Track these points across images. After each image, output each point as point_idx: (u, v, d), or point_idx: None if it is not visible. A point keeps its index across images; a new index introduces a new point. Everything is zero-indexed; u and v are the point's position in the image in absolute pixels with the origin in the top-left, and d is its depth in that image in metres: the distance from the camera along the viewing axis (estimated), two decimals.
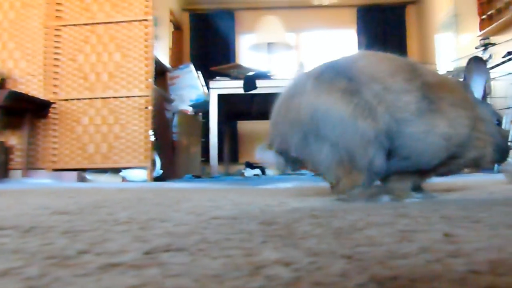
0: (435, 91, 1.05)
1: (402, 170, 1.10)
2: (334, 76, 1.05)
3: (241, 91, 3.85)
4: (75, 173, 3.40)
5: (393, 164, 1.08)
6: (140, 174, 3.44)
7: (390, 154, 1.06)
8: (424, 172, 1.12)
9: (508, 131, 1.21)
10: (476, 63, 1.19)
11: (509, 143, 1.21)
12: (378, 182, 1.13)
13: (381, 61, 1.09)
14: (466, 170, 1.25)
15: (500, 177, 2.16)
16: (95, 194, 1.59)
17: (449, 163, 1.09)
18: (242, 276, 0.36)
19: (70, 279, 0.37)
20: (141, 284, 0.35)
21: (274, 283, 0.34)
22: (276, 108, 1.11)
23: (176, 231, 0.62)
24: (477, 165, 1.16)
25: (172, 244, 0.52)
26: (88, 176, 3.54)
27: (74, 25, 3.45)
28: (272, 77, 4.11)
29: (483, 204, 0.94)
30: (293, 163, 1.11)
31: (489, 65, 4.45)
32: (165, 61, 5.45)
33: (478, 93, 1.17)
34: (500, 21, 4.85)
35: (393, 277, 0.35)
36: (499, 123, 1.18)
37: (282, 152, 1.08)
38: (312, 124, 1.01)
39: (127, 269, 0.40)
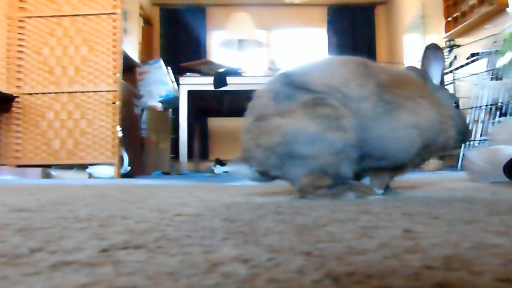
0: (389, 90, 1.07)
1: (382, 167, 1.14)
2: (292, 92, 1.05)
3: (212, 87, 3.83)
4: (39, 169, 3.31)
5: (372, 163, 1.12)
6: (107, 171, 3.38)
7: (365, 156, 1.09)
8: (403, 165, 1.14)
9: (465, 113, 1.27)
10: (433, 50, 1.22)
11: (468, 125, 1.27)
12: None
13: (334, 69, 1.10)
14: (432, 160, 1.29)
15: (462, 174, 2.22)
16: (58, 191, 1.55)
17: (423, 152, 1.12)
18: (198, 274, 0.36)
19: (19, 278, 0.36)
20: (92, 282, 0.33)
21: (230, 280, 0.34)
22: (245, 132, 1.10)
23: (137, 228, 0.61)
24: (444, 149, 1.19)
25: (131, 241, 0.51)
26: (53, 172, 3.45)
27: (39, 16, 3.35)
28: (242, 74, 4.10)
29: (444, 200, 0.97)
30: (270, 178, 1.12)
31: (454, 66, 4.58)
32: (134, 56, 5.37)
33: (436, 79, 1.21)
34: (464, 23, 4.99)
35: (349, 273, 0.35)
36: (457, 106, 1.23)
37: (261, 171, 1.09)
38: (285, 147, 1.02)
39: (80, 268, 0.39)
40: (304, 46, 7.74)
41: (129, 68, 4.39)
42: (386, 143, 1.07)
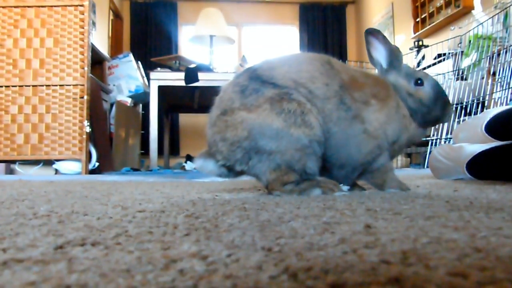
0: (349, 91, 1.09)
1: (349, 174, 1.15)
2: (259, 86, 1.05)
3: (183, 83, 3.79)
4: (2, 165, 3.21)
5: (336, 174, 1.15)
6: (75, 167, 3.30)
7: (326, 160, 1.11)
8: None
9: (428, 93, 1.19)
10: (372, 35, 1.20)
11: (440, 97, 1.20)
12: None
13: (301, 65, 1.10)
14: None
15: (428, 171, 2.27)
16: (20, 187, 1.50)
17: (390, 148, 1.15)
18: (154, 270, 0.35)
19: None
20: (42, 280, 0.32)
21: (187, 276, 0.33)
22: (210, 126, 1.10)
23: (97, 225, 0.59)
24: (409, 145, 1.22)
25: (88, 238, 0.49)
26: (18, 168, 3.35)
27: (2, 7, 3.24)
28: (214, 70, 4.07)
29: (407, 197, 0.98)
30: (236, 173, 1.11)
31: (422, 66, 4.68)
32: (104, 50, 5.26)
33: (384, 62, 1.21)
34: (432, 24, 5.09)
35: (307, 268, 0.35)
36: (421, 82, 1.19)
37: (226, 166, 1.09)
38: (250, 141, 1.02)
39: (32, 265, 0.37)
40: (275, 43, 7.75)
41: (97, 62, 4.29)
42: (342, 151, 1.09)
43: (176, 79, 3.85)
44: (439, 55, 4.17)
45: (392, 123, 1.12)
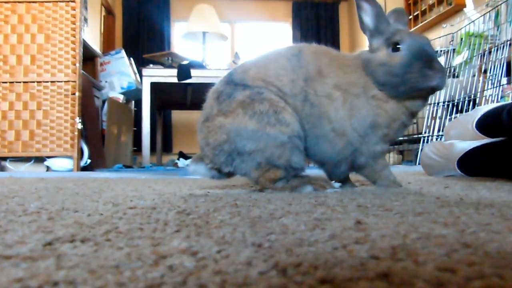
0: (313, 85, 1.08)
1: (334, 170, 1.15)
2: (231, 90, 1.08)
3: (175, 79, 3.77)
4: None
5: (322, 169, 1.16)
6: (66, 164, 3.28)
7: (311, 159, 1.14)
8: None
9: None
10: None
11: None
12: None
13: (268, 64, 1.12)
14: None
15: (419, 168, 2.28)
16: (10, 184, 1.49)
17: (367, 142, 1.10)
18: (144, 266, 0.35)
19: None
20: (30, 276, 0.32)
21: (176, 272, 0.33)
22: (198, 132, 1.15)
23: (87, 221, 0.59)
24: (406, 126, 1.13)
25: (78, 234, 0.49)
26: (8, 165, 3.33)
27: None
28: (206, 67, 4.06)
29: (398, 193, 0.99)
30: (226, 174, 1.15)
31: None
32: (96, 46, 5.22)
33: (371, 23, 1.09)
34: (424, 22, 5.11)
35: (297, 264, 0.35)
36: (399, 46, 1.02)
37: (215, 168, 1.13)
38: (230, 144, 1.05)
39: (20, 261, 0.37)
40: (268, 40, 7.74)
41: (89, 58, 4.27)
42: (316, 148, 1.10)
43: (168, 75, 3.82)
44: None
45: (356, 114, 1.05)
